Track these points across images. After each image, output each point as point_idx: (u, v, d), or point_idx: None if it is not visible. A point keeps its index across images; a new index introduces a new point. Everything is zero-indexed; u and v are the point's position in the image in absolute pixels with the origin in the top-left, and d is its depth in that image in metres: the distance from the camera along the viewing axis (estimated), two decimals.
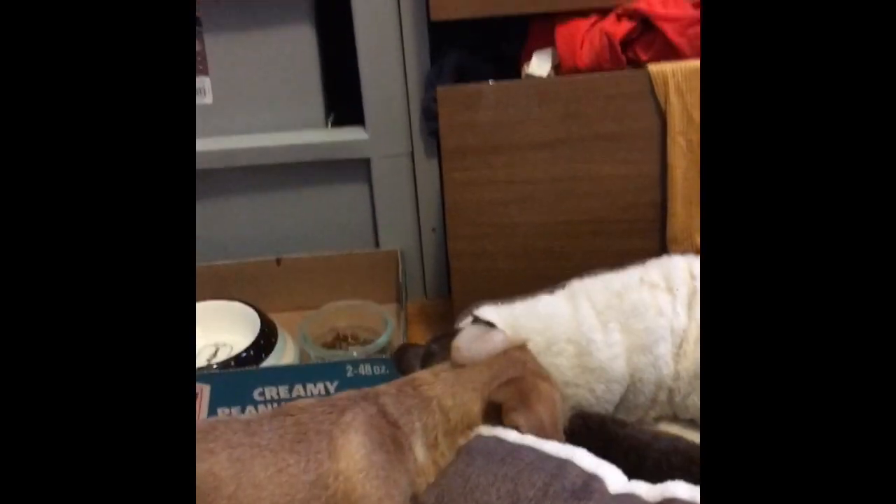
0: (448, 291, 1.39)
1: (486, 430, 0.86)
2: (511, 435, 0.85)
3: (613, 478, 0.81)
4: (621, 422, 0.99)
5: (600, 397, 1.06)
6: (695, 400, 1.08)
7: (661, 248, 1.31)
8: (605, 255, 1.32)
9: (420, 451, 0.81)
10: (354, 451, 0.78)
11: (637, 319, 1.06)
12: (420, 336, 1.51)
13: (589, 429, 0.96)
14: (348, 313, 1.46)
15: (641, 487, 0.80)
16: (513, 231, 1.29)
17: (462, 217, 1.28)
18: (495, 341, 0.90)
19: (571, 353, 1.04)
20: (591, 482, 0.79)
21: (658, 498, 0.78)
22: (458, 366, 0.87)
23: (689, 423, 1.10)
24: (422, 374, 0.88)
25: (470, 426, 0.84)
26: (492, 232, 1.29)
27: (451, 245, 1.30)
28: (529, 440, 0.85)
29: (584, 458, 0.83)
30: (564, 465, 0.81)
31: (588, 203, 1.29)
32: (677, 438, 0.98)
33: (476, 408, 0.84)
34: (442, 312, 1.50)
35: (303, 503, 0.76)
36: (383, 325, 1.40)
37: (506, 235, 1.30)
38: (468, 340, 0.89)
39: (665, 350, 1.06)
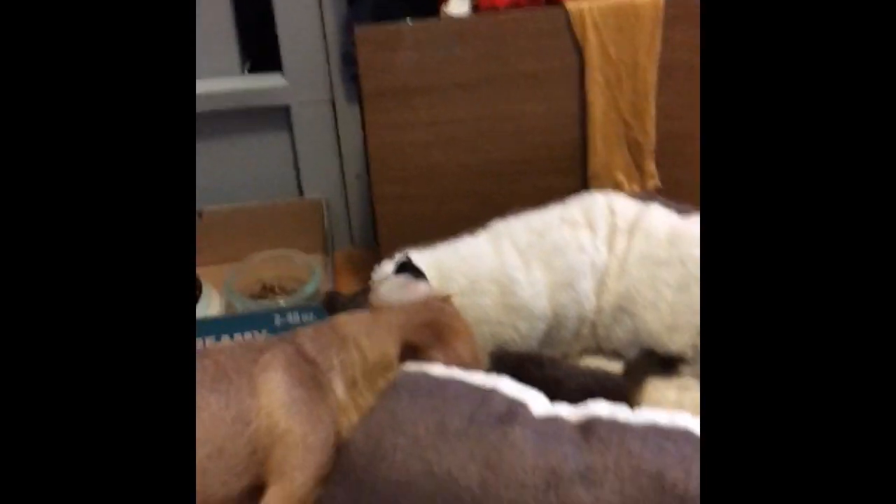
0: (375, 239, 1.38)
1: (413, 366, 0.87)
2: (437, 369, 0.86)
3: (537, 403, 0.83)
4: (537, 358, 1.01)
5: (525, 335, 1.08)
6: (617, 332, 1.10)
7: (582, 185, 1.33)
8: (529, 195, 1.32)
9: (339, 389, 0.81)
10: (275, 387, 0.78)
11: (558, 257, 1.08)
12: (347, 285, 1.50)
13: (506, 366, 0.98)
14: (274, 264, 1.44)
15: (564, 409, 0.82)
16: (437, 174, 1.29)
17: (385, 161, 1.27)
18: (418, 291, 0.91)
19: (495, 293, 1.06)
20: (516, 408, 0.81)
21: (581, 417, 0.80)
22: (376, 309, 0.88)
23: (612, 353, 1.14)
24: (339, 316, 0.87)
25: (387, 368, 0.84)
26: (416, 175, 1.29)
27: (375, 190, 1.29)
28: (455, 373, 0.86)
29: (508, 386, 0.84)
30: (489, 394, 0.83)
31: (510, 143, 1.29)
32: (589, 373, 1.01)
33: (392, 349, 0.84)
34: (369, 260, 1.48)
35: (225, 439, 0.76)
36: (310, 274, 1.39)
37: (430, 178, 1.29)
38: (391, 288, 0.90)
39: (587, 286, 1.09)
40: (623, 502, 0.73)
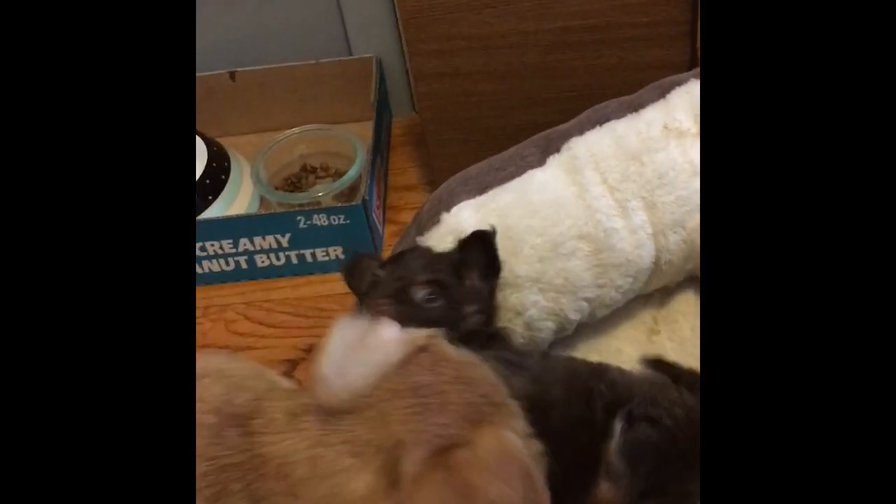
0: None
1: None
2: None
3: None
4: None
5: (627, 291, 0.82)
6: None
7: (691, 59, 0.99)
8: (617, 71, 1.02)
9: None
10: None
11: (666, 189, 0.79)
12: (406, 162, 1.28)
13: None
14: (315, 139, 1.23)
15: None
16: (492, 43, 0.99)
17: (424, 28, 0.98)
18: (385, 348, 0.50)
19: (587, 252, 0.78)
20: None
21: None
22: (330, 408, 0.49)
23: None
24: (272, 408, 0.50)
25: None
26: (465, 46, 1.00)
27: (412, 64, 1.02)
28: None
29: None
30: None
31: (592, 2, 0.96)
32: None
33: (359, 487, 0.47)
34: None
35: None
36: (354, 153, 1.17)
37: (483, 49, 1.00)
38: (340, 358, 0.50)
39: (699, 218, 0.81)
40: None
